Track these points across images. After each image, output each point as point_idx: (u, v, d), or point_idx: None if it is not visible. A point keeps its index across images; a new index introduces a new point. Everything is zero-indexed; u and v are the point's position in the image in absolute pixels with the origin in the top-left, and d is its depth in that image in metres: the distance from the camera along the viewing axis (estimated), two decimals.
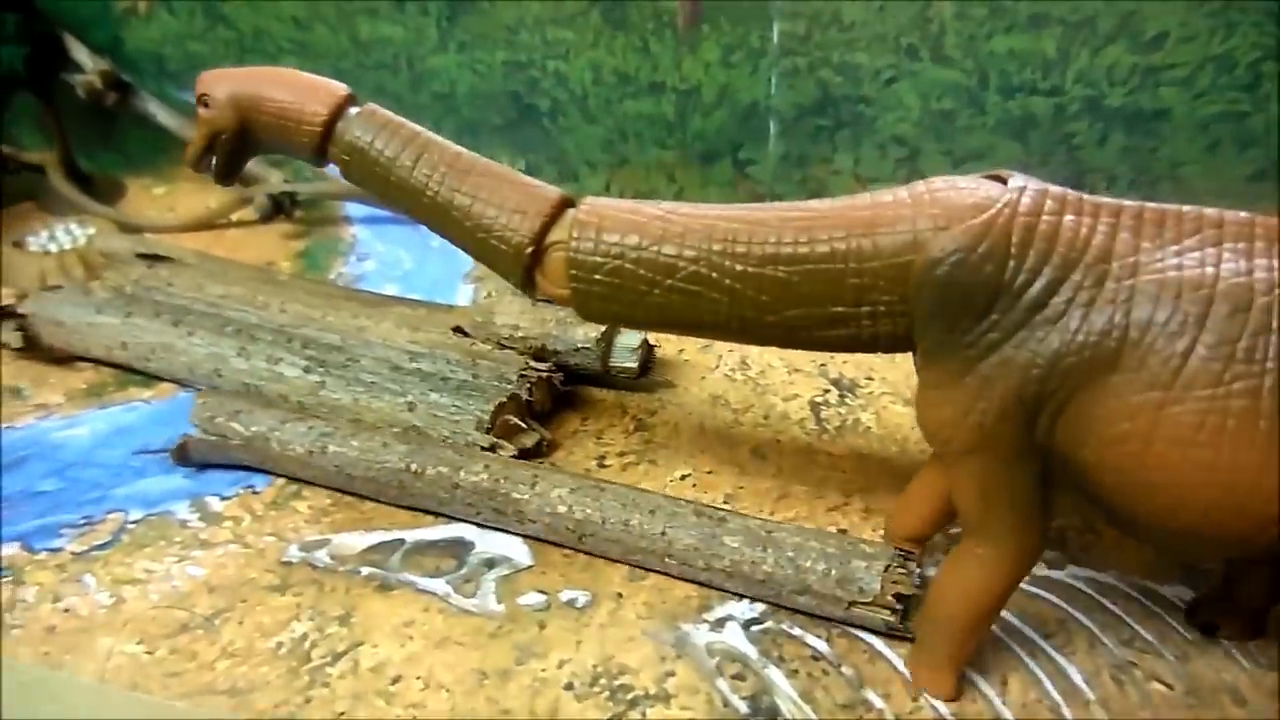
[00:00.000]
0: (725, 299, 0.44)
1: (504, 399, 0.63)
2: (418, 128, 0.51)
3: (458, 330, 0.70)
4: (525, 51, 0.87)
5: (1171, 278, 0.38)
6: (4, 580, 0.54)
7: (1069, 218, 0.39)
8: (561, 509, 0.55)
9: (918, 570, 0.51)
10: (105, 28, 0.98)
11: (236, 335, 0.69)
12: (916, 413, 0.44)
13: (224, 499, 0.60)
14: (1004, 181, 0.42)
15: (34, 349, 0.74)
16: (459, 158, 0.50)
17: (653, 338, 0.71)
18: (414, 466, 0.58)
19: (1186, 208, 0.40)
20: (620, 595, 0.52)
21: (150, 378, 0.71)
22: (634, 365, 0.68)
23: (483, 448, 0.60)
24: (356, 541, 0.57)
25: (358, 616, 0.51)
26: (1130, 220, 0.40)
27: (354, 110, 0.51)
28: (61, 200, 0.99)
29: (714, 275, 0.44)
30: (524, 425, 0.63)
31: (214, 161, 0.54)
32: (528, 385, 0.65)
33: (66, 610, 0.52)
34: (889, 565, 0.49)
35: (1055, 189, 0.41)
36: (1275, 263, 0.37)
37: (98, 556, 0.56)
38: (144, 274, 0.78)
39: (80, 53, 0.95)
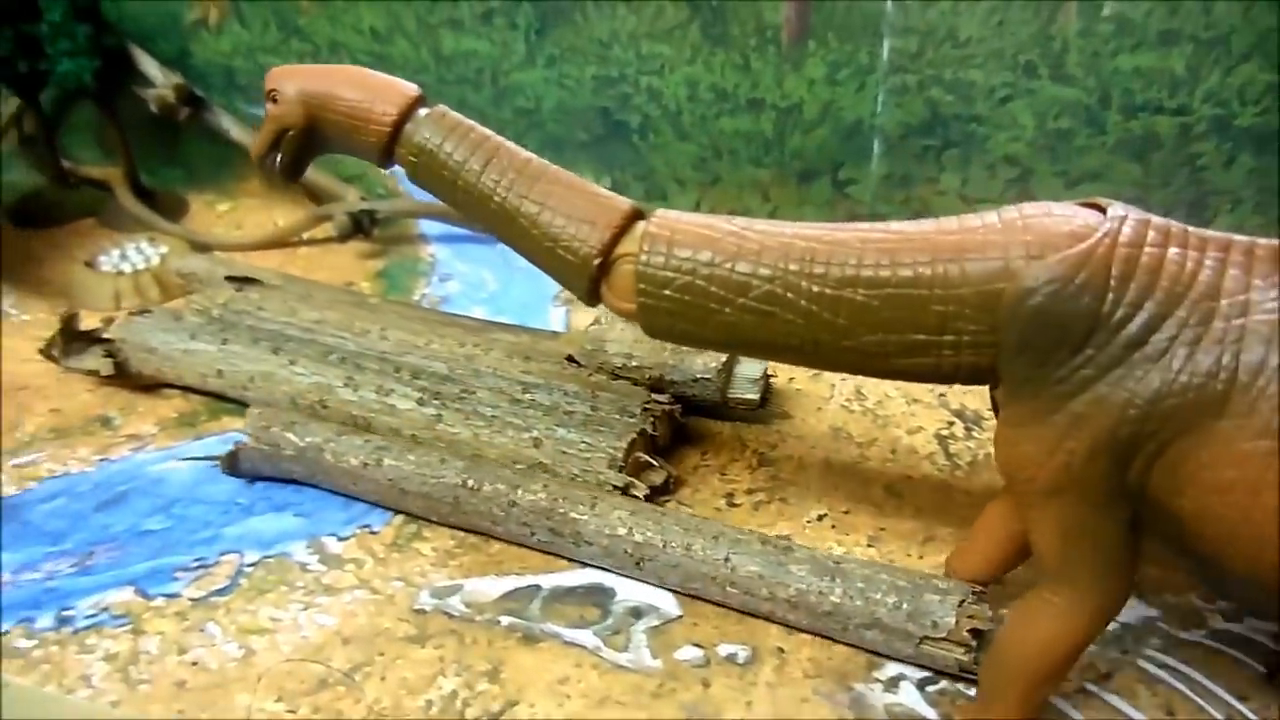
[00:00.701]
0: (800, 321, 0.42)
1: (634, 434, 0.60)
2: (488, 132, 0.50)
3: (570, 359, 0.67)
4: (617, 66, 0.84)
5: None
6: (123, 629, 0.51)
7: (1174, 250, 0.37)
8: (621, 530, 0.53)
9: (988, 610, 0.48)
10: (173, 39, 0.95)
11: (342, 364, 0.66)
12: (995, 449, 0.41)
13: (341, 539, 0.57)
14: (1103, 210, 0.40)
15: (122, 376, 0.71)
16: (529, 164, 0.49)
17: (771, 367, 0.68)
18: (470, 483, 0.56)
19: (1272, 239, 0.38)
20: (782, 650, 0.49)
21: (244, 406, 0.69)
22: (755, 396, 0.65)
23: (615, 486, 0.58)
24: (490, 587, 0.54)
25: (507, 672, 0.48)
26: (1240, 256, 0.37)
27: (424, 111, 0.50)
28: (126, 217, 0.96)
29: (789, 296, 0.42)
30: (653, 462, 0.61)
31: (279, 158, 0.53)
32: (652, 419, 0.62)
33: (195, 663, 0.49)
34: (964, 600, 0.47)
35: (1159, 220, 0.39)
36: None
37: (218, 603, 0.53)
38: (233, 297, 0.75)
39: (150, 66, 0.92)
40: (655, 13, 0.81)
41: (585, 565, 0.55)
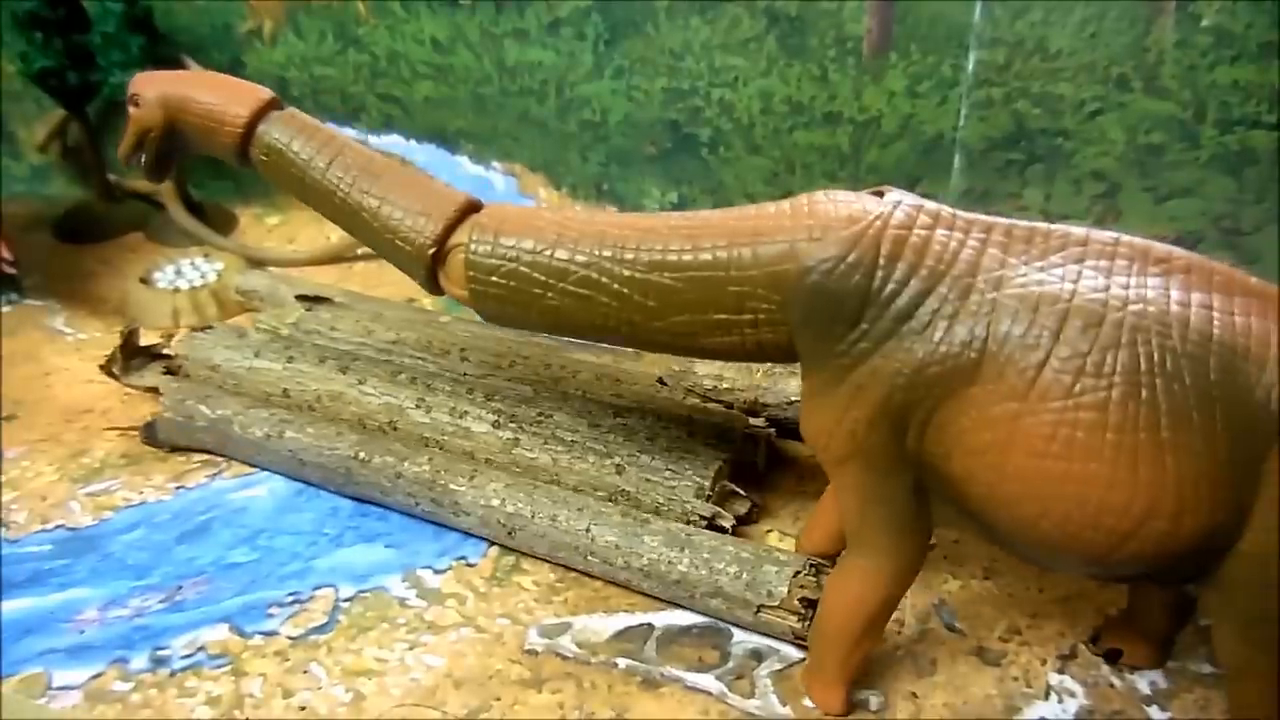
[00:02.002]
0: (614, 303, 0.45)
1: (721, 462, 0.58)
2: (335, 131, 0.53)
3: (660, 382, 0.65)
4: (689, 79, 0.82)
5: (1032, 292, 0.38)
6: (222, 670, 0.49)
7: (940, 232, 0.40)
8: (495, 502, 0.55)
9: None
10: (226, 50, 0.93)
11: (413, 384, 0.64)
12: (800, 420, 0.44)
13: (438, 572, 0.55)
14: (883, 196, 0.43)
15: None
16: (372, 161, 0.52)
17: None
18: (361, 454, 0.59)
19: (1056, 225, 0.41)
20: (915, 695, 0.47)
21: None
22: None
23: (702, 517, 0.56)
24: (600, 626, 0.52)
25: (633, 718, 0.46)
26: (1000, 236, 0.40)
27: (275, 113, 0.53)
28: (175, 232, 0.94)
29: (604, 280, 0.45)
30: (739, 491, 0.59)
31: (143, 158, 0.56)
32: (752, 445, 0.60)
33: (303, 708, 0.47)
34: (799, 571, 0.49)
35: (931, 205, 0.42)
36: (1131, 280, 0.38)
37: (319, 642, 0.51)
38: (303, 316, 0.73)
39: None
40: (730, 24, 0.79)
41: (690, 609, 0.53)
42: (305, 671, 0.49)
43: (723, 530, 0.55)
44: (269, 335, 0.71)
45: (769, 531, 0.58)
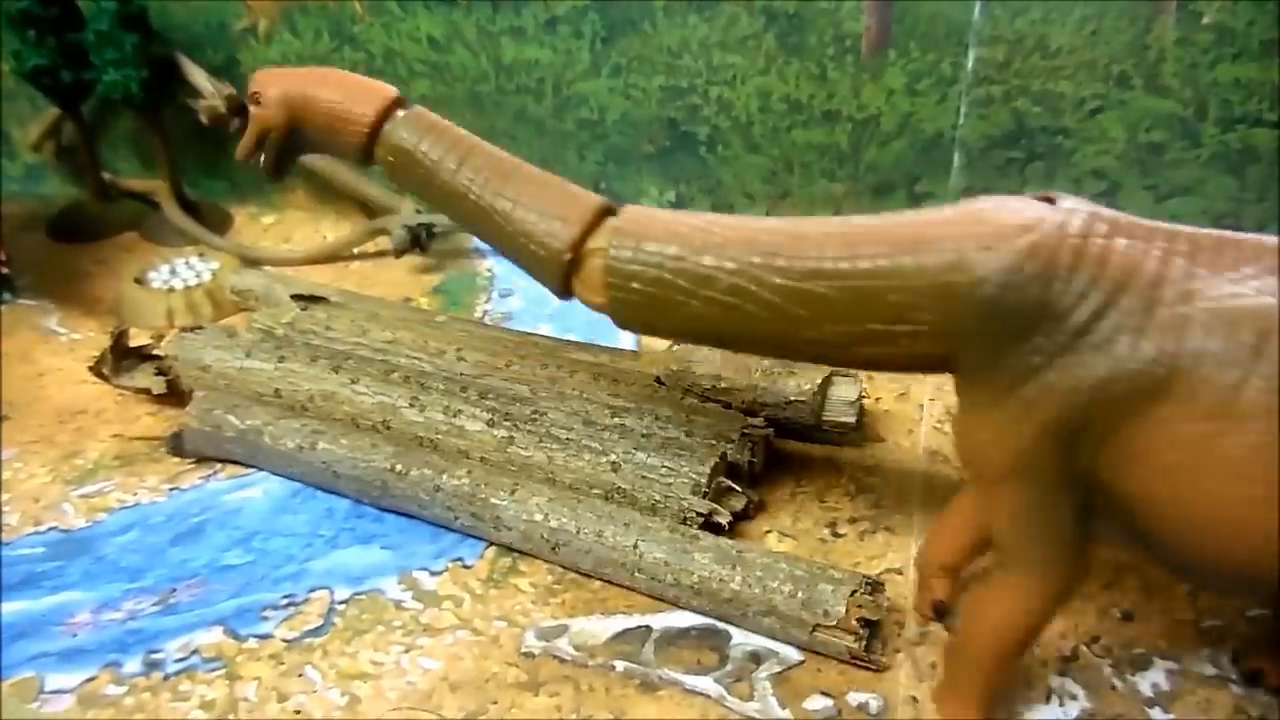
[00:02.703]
0: (764, 313, 0.43)
1: (717, 459, 0.57)
2: (464, 132, 0.51)
3: (659, 381, 0.64)
4: (686, 77, 0.82)
5: (1227, 306, 0.36)
6: (216, 674, 0.49)
7: (1121, 241, 0.38)
8: (538, 516, 0.54)
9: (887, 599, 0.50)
10: (221, 48, 0.93)
11: (406, 383, 0.63)
12: (954, 435, 0.43)
13: (434, 574, 0.55)
14: (1054, 203, 0.41)
15: (175, 395, 0.68)
16: (502, 162, 0.50)
17: (863, 389, 0.65)
18: (398, 467, 0.57)
19: (1245, 235, 0.38)
20: (915, 699, 0.47)
21: None
22: (851, 419, 0.63)
23: (699, 513, 0.55)
24: (598, 628, 0.51)
25: None
26: (1185, 246, 0.38)
27: (401, 113, 0.51)
28: (169, 231, 0.94)
29: (753, 288, 0.43)
30: (735, 487, 0.58)
31: (263, 159, 0.55)
32: (750, 445, 0.60)
33: (298, 712, 0.47)
34: (855, 590, 0.48)
35: (1108, 211, 0.39)
36: None
37: (314, 645, 0.50)
38: (298, 316, 0.72)
39: (198, 76, 0.89)
40: (728, 22, 0.78)
41: (690, 609, 0.52)
42: (300, 675, 0.49)
43: (719, 527, 0.55)
44: (260, 335, 0.71)
45: (768, 532, 0.57)
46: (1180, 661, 0.49)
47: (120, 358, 0.69)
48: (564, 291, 0.49)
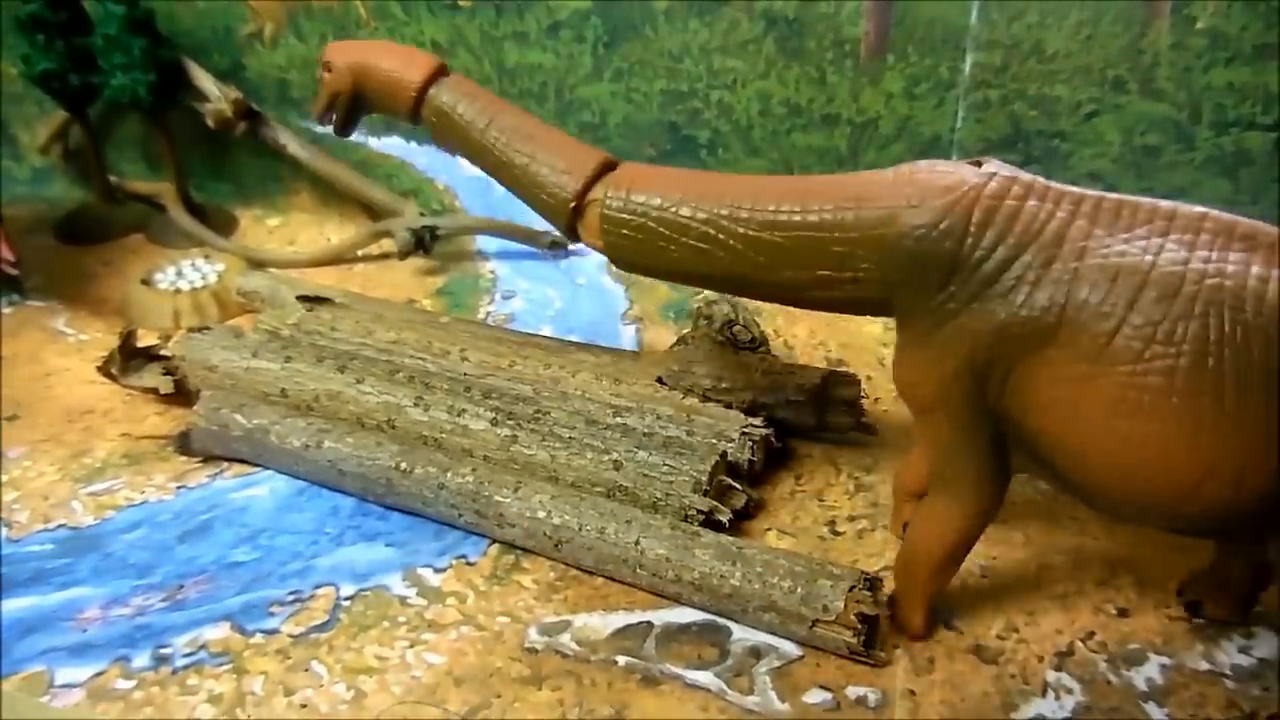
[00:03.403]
0: (729, 257, 0.49)
1: (717, 458, 0.58)
2: (495, 96, 0.58)
3: (660, 381, 0.65)
4: (687, 81, 0.83)
5: (1113, 263, 0.40)
6: (224, 669, 0.50)
7: (1031, 203, 0.43)
8: (541, 514, 0.55)
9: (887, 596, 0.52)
10: (227, 52, 0.94)
11: (411, 383, 0.64)
12: (893, 371, 0.47)
13: (438, 571, 0.56)
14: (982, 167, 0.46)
15: (182, 394, 0.69)
16: (525, 123, 0.57)
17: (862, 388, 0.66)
18: (403, 465, 0.59)
19: (1146, 199, 0.42)
20: (912, 693, 0.48)
21: None
22: (850, 419, 0.64)
23: (700, 511, 0.56)
24: (600, 624, 0.52)
25: (631, 715, 0.46)
26: (1089, 208, 0.42)
27: (444, 79, 0.58)
28: (175, 233, 0.95)
29: (720, 236, 0.49)
30: (735, 485, 0.59)
31: (334, 118, 0.62)
32: (750, 444, 0.60)
33: (304, 705, 0.47)
34: (854, 586, 0.49)
35: (1027, 176, 0.44)
36: (1213, 254, 0.39)
37: (320, 640, 0.51)
38: (304, 317, 0.73)
39: (205, 80, 0.90)
40: (729, 26, 0.79)
41: (690, 605, 0.53)
42: (306, 670, 0.49)
43: (720, 525, 0.56)
44: (266, 335, 0.72)
45: (768, 530, 0.58)
46: (1175, 657, 0.49)
47: (128, 358, 0.70)
48: (571, 234, 0.55)
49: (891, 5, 0.75)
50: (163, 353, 0.71)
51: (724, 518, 0.56)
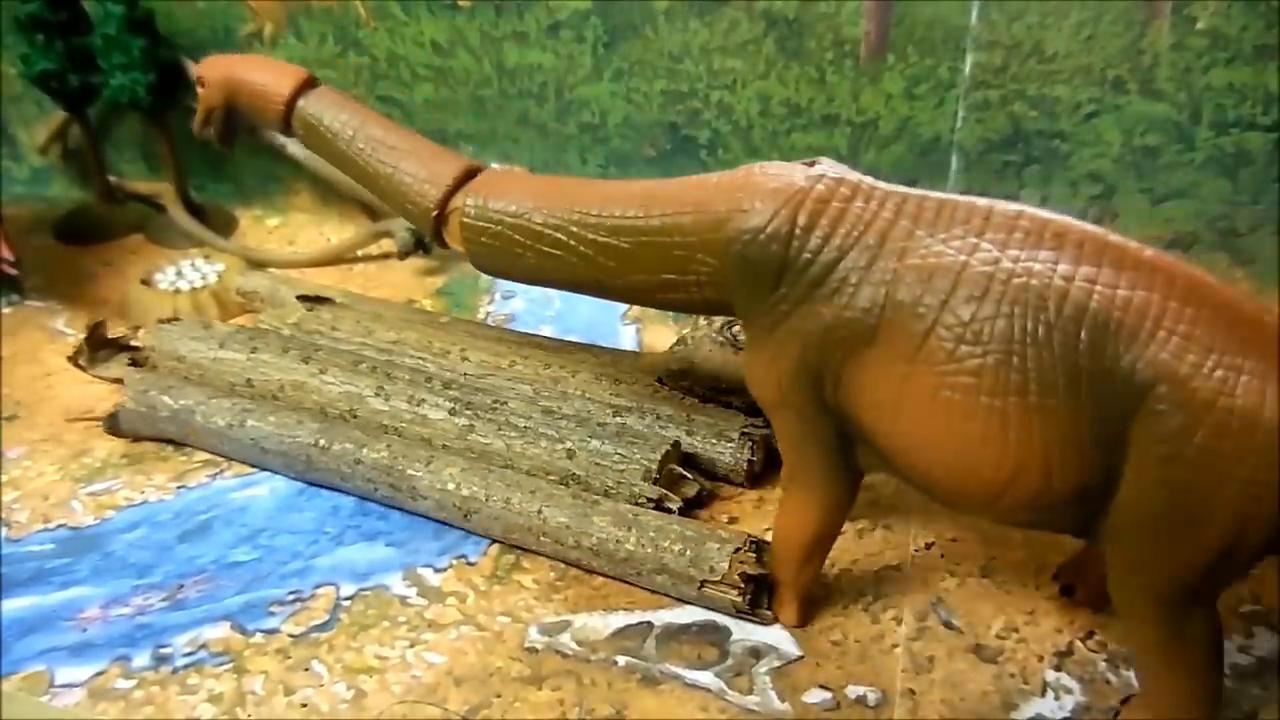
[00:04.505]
0: (580, 263, 0.50)
1: (668, 447, 0.58)
2: (362, 107, 0.60)
3: (660, 381, 0.65)
4: (687, 81, 0.83)
5: (929, 263, 0.41)
6: (224, 668, 0.50)
7: (858, 204, 0.43)
8: (450, 486, 0.57)
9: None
10: (226, 52, 0.93)
11: (373, 373, 0.65)
12: (744, 371, 0.48)
13: (438, 571, 0.56)
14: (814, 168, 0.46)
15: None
16: (388, 133, 0.58)
17: None
18: (321, 442, 0.60)
19: (966, 198, 0.43)
20: (913, 692, 0.48)
21: None
22: None
23: (649, 499, 0.56)
24: (600, 624, 0.52)
25: (631, 715, 0.47)
26: (913, 209, 0.43)
27: (312, 91, 0.60)
28: (175, 233, 0.95)
29: (570, 242, 0.50)
30: (686, 475, 0.59)
31: (211, 130, 0.64)
32: (750, 444, 0.60)
33: (304, 705, 0.47)
34: (739, 548, 0.51)
35: (855, 177, 0.45)
36: (1023, 253, 0.40)
37: (320, 639, 0.51)
38: (304, 316, 0.73)
39: None
40: (729, 26, 0.79)
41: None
42: (307, 669, 0.49)
43: (669, 513, 0.56)
44: (234, 327, 0.72)
45: (767, 529, 0.58)
46: None
47: (96, 348, 0.71)
48: (439, 241, 0.56)
49: (891, 5, 0.75)
50: (132, 344, 0.71)
51: (674, 506, 0.57)
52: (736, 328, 0.67)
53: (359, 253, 0.92)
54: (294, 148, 0.93)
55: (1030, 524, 0.44)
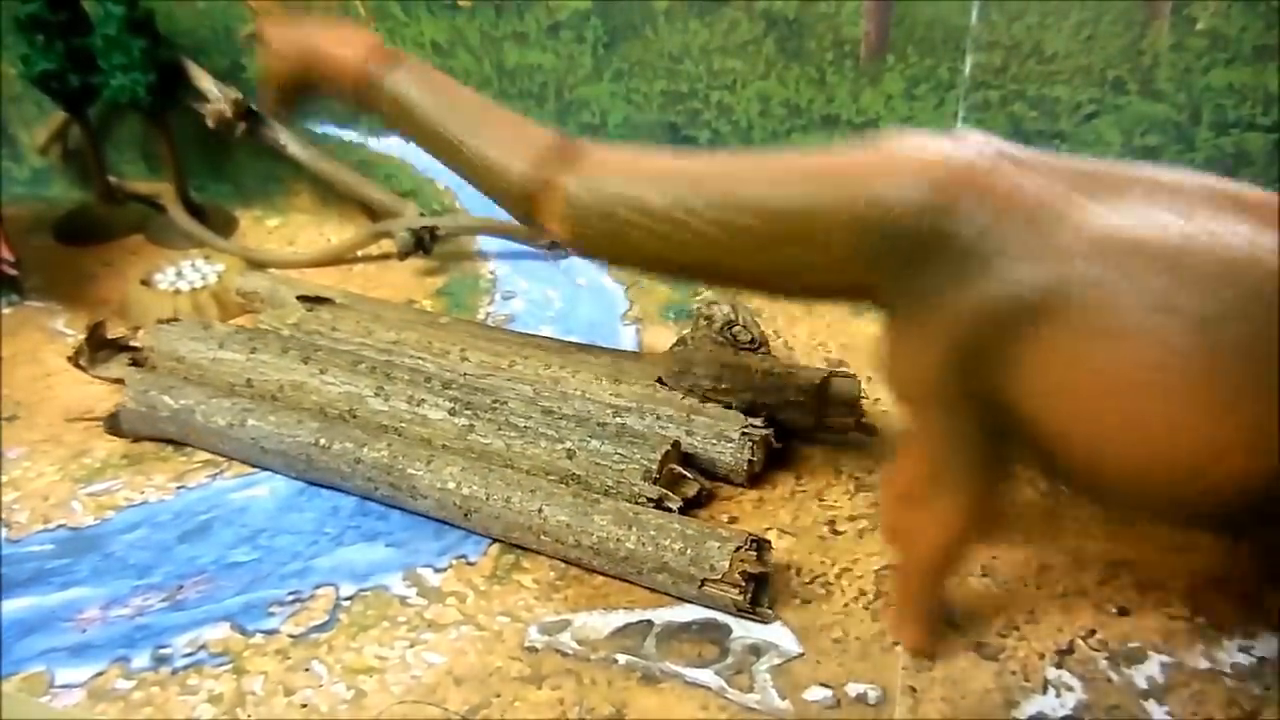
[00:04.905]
0: (698, 243, 0.46)
1: (668, 447, 0.59)
2: (448, 78, 0.56)
3: (660, 382, 0.65)
4: (687, 81, 0.83)
5: (1110, 235, 0.38)
6: (224, 669, 0.50)
7: (1016, 174, 0.40)
8: (451, 485, 0.57)
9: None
10: (227, 53, 0.94)
11: (372, 374, 0.65)
12: (883, 366, 0.45)
13: (438, 571, 0.56)
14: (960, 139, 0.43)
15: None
16: (476, 103, 0.55)
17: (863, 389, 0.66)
18: (322, 441, 0.60)
19: (1129, 164, 0.41)
20: (914, 690, 0.48)
21: None
22: (850, 419, 0.64)
23: (649, 498, 0.56)
24: (600, 623, 0.52)
25: (631, 714, 0.47)
26: (1078, 177, 0.40)
27: (395, 62, 0.56)
28: (175, 234, 0.95)
29: (688, 220, 0.46)
30: (686, 475, 0.59)
31: (273, 101, 0.59)
32: (750, 444, 0.60)
33: (304, 705, 0.47)
34: (739, 546, 0.51)
35: (1009, 146, 0.42)
36: (1214, 225, 0.37)
37: (319, 640, 0.51)
38: (304, 317, 0.73)
39: (204, 80, 0.90)
40: (729, 27, 0.79)
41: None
42: (306, 669, 0.49)
43: (669, 513, 0.56)
44: (233, 327, 0.72)
45: (768, 529, 0.58)
46: (1175, 655, 0.49)
47: (96, 348, 0.71)
48: (530, 222, 0.53)
49: (891, 6, 0.75)
50: (132, 344, 0.71)
51: (674, 505, 0.57)
52: (737, 328, 0.68)
53: (359, 253, 0.92)
54: (295, 148, 0.93)
55: (1208, 516, 0.42)
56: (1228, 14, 0.68)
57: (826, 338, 0.78)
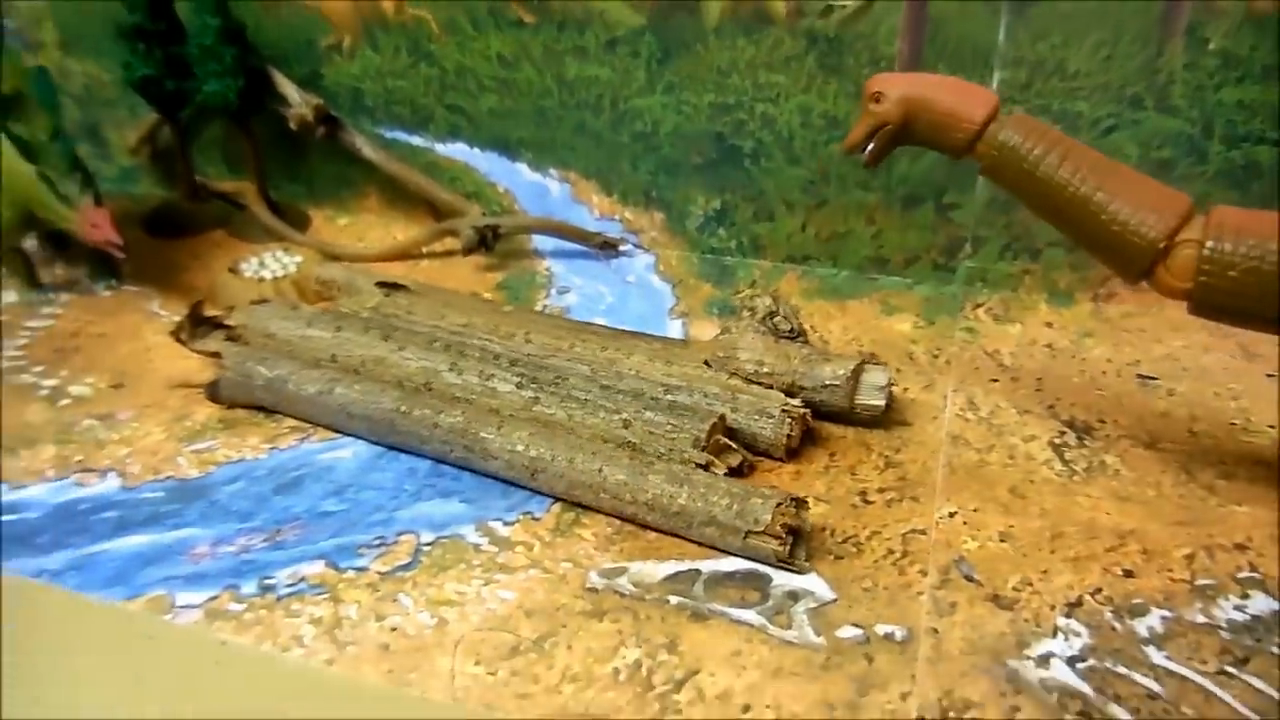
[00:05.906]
0: None
1: (716, 419, 0.64)
2: (1060, 132, 0.58)
3: (706, 364, 0.71)
4: (734, 94, 0.89)
5: None
6: (322, 597, 0.56)
7: None
8: (519, 447, 0.63)
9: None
10: (307, 62, 1.02)
11: (447, 351, 0.71)
12: None
13: (507, 524, 0.62)
14: None
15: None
16: (1101, 160, 0.57)
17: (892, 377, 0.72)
18: (403, 408, 0.66)
19: None
20: (936, 631, 0.53)
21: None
22: (881, 403, 0.69)
23: (697, 464, 0.62)
24: (653, 570, 0.58)
25: (684, 645, 0.52)
26: None
27: (1006, 116, 0.59)
28: (256, 228, 1.02)
29: None
30: (731, 445, 0.65)
31: (869, 148, 0.64)
32: (788, 421, 0.66)
33: (394, 629, 0.54)
34: (781, 503, 0.57)
35: None
36: None
37: (405, 577, 0.58)
38: (382, 301, 0.80)
39: (287, 87, 0.98)
40: (773, 44, 0.86)
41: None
42: (395, 600, 0.56)
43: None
44: (319, 309, 0.79)
45: (805, 497, 0.64)
46: (1175, 611, 0.54)
47: (196, 325, 0.78)
48: (1144, 276, 0.55)
49: (925, 25, 0.81)
50: (226, 322, 0.78)
51: (719, 471, 0.62)
52: (778, 318, 0.74)
53: (425, 249, 1.00)
54: (369, 151, 1.00)
55: None
56: (1238, 34, 0.74)
57: (859, 334, 0.83)
